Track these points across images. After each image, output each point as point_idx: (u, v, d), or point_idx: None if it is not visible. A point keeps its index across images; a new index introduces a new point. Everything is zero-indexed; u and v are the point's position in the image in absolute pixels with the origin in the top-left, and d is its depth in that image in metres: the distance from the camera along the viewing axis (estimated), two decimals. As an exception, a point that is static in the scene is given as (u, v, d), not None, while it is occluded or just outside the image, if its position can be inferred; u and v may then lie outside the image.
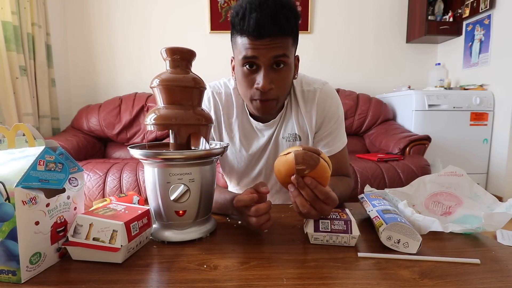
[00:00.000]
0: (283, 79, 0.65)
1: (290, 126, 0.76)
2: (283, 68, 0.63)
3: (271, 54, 0.60)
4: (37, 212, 0.40)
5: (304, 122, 0.76)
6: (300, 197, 0.48)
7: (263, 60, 0.61)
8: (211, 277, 0.41)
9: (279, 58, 0.61)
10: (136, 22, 2.62)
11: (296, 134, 0.76)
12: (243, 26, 0.59)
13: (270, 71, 0.63)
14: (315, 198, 0.48)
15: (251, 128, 0.78)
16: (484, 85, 2.38)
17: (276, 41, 0.59)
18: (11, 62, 1.88)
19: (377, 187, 0.73)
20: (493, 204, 0.57)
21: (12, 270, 0.39)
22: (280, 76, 0.64)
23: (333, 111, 0.75)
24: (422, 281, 0.39)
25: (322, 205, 0.49)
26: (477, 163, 2.36)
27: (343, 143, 0.78)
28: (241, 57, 0.63)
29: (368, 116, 2.46)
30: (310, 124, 0.75)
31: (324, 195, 0.48)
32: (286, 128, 0.76)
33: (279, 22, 0.58)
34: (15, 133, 0.44)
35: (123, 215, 0.46)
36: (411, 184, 0.69)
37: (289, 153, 0.49)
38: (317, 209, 0.49)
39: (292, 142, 0.76)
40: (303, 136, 0.77)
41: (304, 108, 0.75)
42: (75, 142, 2.12)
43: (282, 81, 0.64)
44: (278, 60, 0.62)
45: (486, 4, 2.30)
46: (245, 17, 0.59)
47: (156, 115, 0.51)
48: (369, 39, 2.77)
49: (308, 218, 0.52)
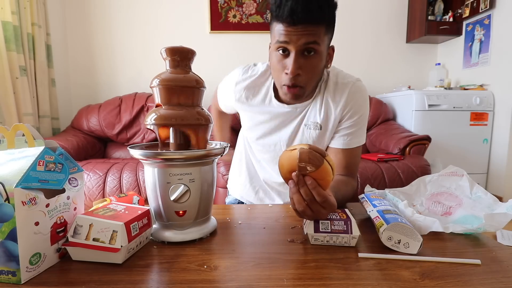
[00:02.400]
0: (312, 67, 0.67)
1: (313, 115, 0.78)
2: (313, 56, 0.66)
3: (302, 40, 0.63)
4: (36, 212, 0.40)
5: (331, 111, 0.76)
6: (297, 195, 0.49)
7: (294, 45, 0.64)
8: (211, 278, 0.41)
9: (310, 45, 0.64)
10: (136, 22, 2.61)
11: (318, 123, 0.77)
12: (278, 13, 0.62)
13: (300, 57, 0.65)
14: (312, 199, 0.48)
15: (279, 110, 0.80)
16: (484, 85, 2.38)
17: (308, 29, 0.62)
18: (11, 62, 1.88)
19: (377, 187, 0.72)
20: (494, 205, 0.57)
21: (12, 271, 0.39)
22: (310, 63, 0.66)
23: (359, 106, 0.76)
24: (422, 281, 0.39)
25: (319, 207, 0.49)
26: (477, 163, 2.36)
27: (360, 142, 0.79)
28: (274, 42, 0.67)
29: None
30: (335, 113, 0.76)
31: (322, 198, 0.48)
32: (310, 116, 0.78)
33: (312, 10, 0.61)
34: (15, 134, 0.44)
35: (123, 216, 0.46)
36: (411, 184, 0.69)
37: (295, 149, 0.49)
38: (313, 211, 0.49)
39: (313, 130, 0.78)
40: (325, 126, 0.78)
41: (333, 98, 0.76)
42: (75, 142, 2.12)
43: (311, 68, 0.67)
44: (308, 47, 0.64)
45: (486, 4, 2.30)
46: (281, 5, 0.62)
47: (157, 115, 0.51)
48: (369, 39, 2.77)
49: (303, 217, 0.52)
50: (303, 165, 0.46)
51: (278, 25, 0.64)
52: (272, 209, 0.70)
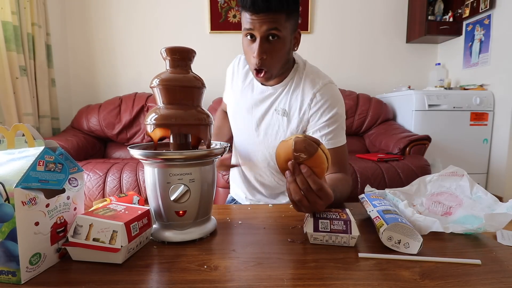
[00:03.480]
0: (276, 50, 0.74)
1: (284, 102, 0.83)
2: (276, 40, 0.72)
3: (264, 27, 0.70)
4: (36, 212, 0.40)
5: (299, 101, 0.81)
6: (294, 184, 0.49)
7: (258, 32, 0.71)
8: (212, 278, 0.41)
9: (272, 31, 0.71)
10: (136, 22, 2.61)
11: (285, 110, 0.83)
12: (243, 3, 0.70)
13: (265, 43, 0.72)
14: (308, 188, 0.48)
15: (258, 93, 0.87)
16: (484, 85, 2.38)
17: (269, 16, 0.69)
18: (11, 62, 1.88)
19: (377, 187, 0.72)
20: (494, 205, 0.57)
21: (12, 271, 0.39)
22: (273, 47, 0.73)
23: (331, 105, 0.79)
24: (423, 282, 0.39)
25: (315, 197, 0.49)
26: (477, 163, 2.36)
27: (341, 142, 0.81)
28: (243, 29, 0.75)
29: (368, 116, 2.46)
30: (303, 105, 0.81)
31: (317, 186, 0.48)
32: (280, 102, 0.84)
33: (271, 0, 0.67)
34: (15, 134, 0.44)
35: (123, 216, 0.46)
36: (411, 184, 0.69)
37: (290, 139, 0.50)
38: (310, 201, 0.49)
39: (281, 116, 0.83)
40: (291, 114, 0.82)
41: (303, 90, 0.81)
42: (75, 142, 2.12)
43: (275, 51, 0.74)
44: (270, 33, 0.71)
45: (486, 4, 2.30)
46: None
47: (156, 115, 0.51)
48: (369, 39, 2.77)
49: (301, 210, 0.52)
50: (298, 153, 0.47)
51: (245, 13, 0.72)
52: (272, 209, 0.70)
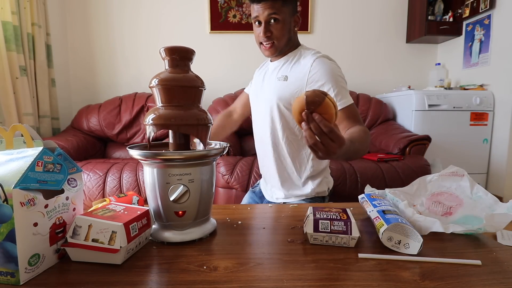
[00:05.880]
0: (277, 30, 0.94)
1: (284, 70, 0.99)
2: (277, 22, 0.93)
3: (265, 13, 0.91)
4: (35, 213, 0.40)
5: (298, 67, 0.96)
6: (309, 131, 0.55)
7: (262, 17, 0.92)
8: (211, 279, 0.40)
9: (272, 15, 0.91)
10: (136, 22, 2.61)
11: (286, 75, 0.98)
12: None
13: (268, 25, 0.93)
14: (321, 131, 0.54)
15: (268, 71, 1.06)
16: (484, 85, 2.38)
17: (268, 4, 0.90)
18: (11, 62, 1.88)
19: (377, 187, 0.72)
20: (494, 205, 0.57)
21: (10, 272, 0.38)
22: (275, 28, 0.93)
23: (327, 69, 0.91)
24: (423, 282, 0.39)
25: (328, 140, 0.54)
26: (477, 163, 2.35)
27: (348, 102, 0.88)
28: (252, 18, 0.96)
29: (368, 116, 2.45)
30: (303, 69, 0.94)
31: (328, 128, 0.53)
32: (282, 71, 1.00)
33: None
34: (13, 134, 0.44)
35: (123, 216, 0.46)
36: (411, 184, 0.68)
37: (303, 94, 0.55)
38: (324, 144, 0.55)
39: (282, 81, 0.97)
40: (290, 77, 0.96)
41: (303, 60, 0.97)
42: (75, 142, 2.12)
43: (276, 30, 0.94)
44: (271, 17, 0.91)
45: (486, 4, 2.30)
46: None
47: (156, 115, 0.51)
48: (369, 39, 2.77)
49: (318, 155, 0.56)
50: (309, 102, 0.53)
51: (252, 6, 0.93)
52: (272, 209, 0.70)
